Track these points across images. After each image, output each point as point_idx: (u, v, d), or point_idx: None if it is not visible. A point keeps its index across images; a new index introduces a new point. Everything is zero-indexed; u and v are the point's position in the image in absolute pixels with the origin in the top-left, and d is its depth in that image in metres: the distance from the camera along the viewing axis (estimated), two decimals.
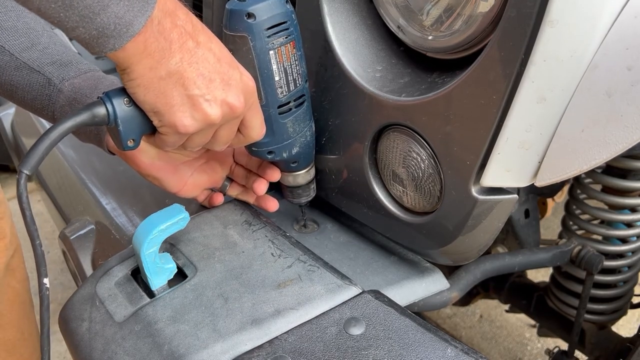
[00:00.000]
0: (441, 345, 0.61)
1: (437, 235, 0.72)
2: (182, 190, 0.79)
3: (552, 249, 1.07)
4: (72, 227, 1.05)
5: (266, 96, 0.69)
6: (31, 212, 0.56)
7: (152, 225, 0.69)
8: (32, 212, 0.56)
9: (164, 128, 0.61)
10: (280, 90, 0.69)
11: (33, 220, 0.56)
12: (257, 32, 0.65)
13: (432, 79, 0.69)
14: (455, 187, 0.66)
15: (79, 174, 1.16)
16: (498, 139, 0.60)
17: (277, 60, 0.67)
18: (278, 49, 0.67)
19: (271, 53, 0.66)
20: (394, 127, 0.72)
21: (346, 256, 0.83)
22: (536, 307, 1.25)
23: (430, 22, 0.66)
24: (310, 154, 0.80)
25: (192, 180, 0.80)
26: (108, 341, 0.67)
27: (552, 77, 0.55)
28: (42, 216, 2.46)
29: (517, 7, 0.54)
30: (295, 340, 0.63)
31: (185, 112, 0.59)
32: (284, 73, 0.69)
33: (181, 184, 0.79)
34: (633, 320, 1.50)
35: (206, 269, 0.73)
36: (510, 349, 1.78)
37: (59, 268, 2.18)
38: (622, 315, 1.18)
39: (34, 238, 0.56)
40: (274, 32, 0.66)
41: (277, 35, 0.66)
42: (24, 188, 0.56)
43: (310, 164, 0.82)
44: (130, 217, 0.99)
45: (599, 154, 0.55)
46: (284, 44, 0.67)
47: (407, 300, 0.78)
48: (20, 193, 0.55)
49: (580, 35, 0.53)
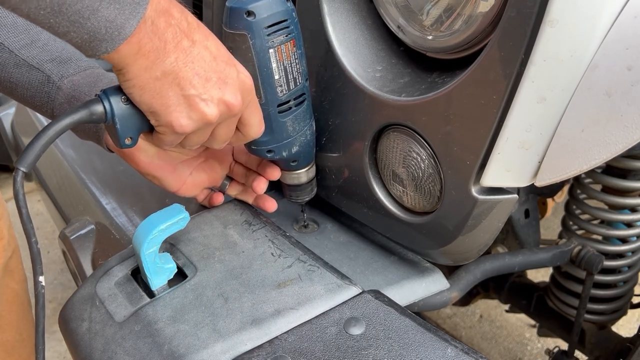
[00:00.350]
0: (441, 345, 0.61)
1: (437, 235, 0.72)
2: (181, 189, 0.79)
3: (552, 249, 1.07)
4: (72, 227, 1.05)
5: (266, 95, 0.69)
6: (27, 209, 0.55)
7: (152, 225, 0.69)
8: (28, 210, 0.56)
9: (161, 128, 0.61)
10: (280, 89, 0.69)
11: (29, 218, 0.56)
12: (256, 30, 0.64)
13: (432, 79, 0.69)
14: (455, 187, 0.66)
15: (79, 174, 1.16)
16: (498, 139, 0.60)
17: (277, 58, 0.67)
18: (278, 47, 0.66)
19: (271, 51, 0.66)
20: (394, 127, 0.72)
21: (346, 256, 0.83)
22: (536, 307, 1.25)
23: (430, 22, 0.66)
24: (310, 152, 0.80)
25: (192, 179, 0.80)
26: (108, 341, 0.67)
27: (552, 77, 0.55)
28: (42, 216, 2.47)
29: (517, 7, 0.54)
30: (295, 340, 0.63)
31: (181, 112, 0.58)
32: (283, 72, 0.68)
33: (180, 182, 0.79)
34: (633, 320, 1.50)
35: (206, 269, 0.73)
36: (510, 349, 1.78)
37: (59, 268, 2.18)
38: (622, 315, 1.18)
39: (29, 235, 0.56)
40: (274, 30, 0.65)
41: (277, 34, 0.66)
42: (20, 185, 0.55)
43: (310, 163, 0.82)
44: (130, 217, 0.99)
45: (599, 154, 0.55)
46: (284, 42, 0.67)
47: (407, 300, 0.78)
48: (17, 190, 0.55)
49: (580, 35, 0.53)
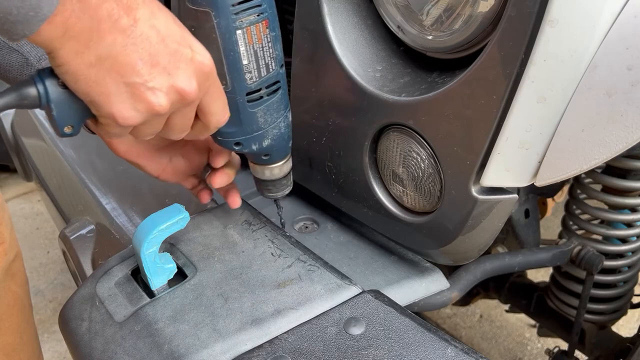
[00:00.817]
0: (441, 345, 0.61)
1: (437, 235, 0.72)
2: (162, 175, 0.75)
3: (552, 249, 1.07)
4: (72, 227, 1.05)
5: (232, 82, 0.61)
6: None
7: (152, 225, 0.69)
8: None
9: (103, 119, 0.54)
10: (249, 75, 0.61)
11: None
12: (222, 7, 0.56)
13: (432, 78, 0.69)
14: (455, 186, 0.66)
15: (79, 174, 1.16)
16: (498, 139, 0.60)
17: (245, 41, 0.59)
18: (247, 28, 0.58)
19: (238, 33, 0.58)
20: (394, 127, 0.72)
21: (346, 256, 0.83)
22: (536, 307, 1.25)
23: (430, 22, 0.66)
24: (285, 146, 0.73)
25: (172, 166, 0.76)
26: (108, 341, 0.67)
27: (552, 77, 0.55)
28: (42, 216, 2.47)
29: (517, 6, 0.54)
30: (295, 340, 0.63)
31: (124, 103, 0.51)
32: (253, 56, 0.60)
33: (160, 168, 0.75)
34: (633, 320, 1.50)
35: (206, 268, 0.73)
36: (510, 349, 1.78)
37: (59, 268, 2.18)
38: (622, 315, 1.18)
39: None
40: (243, 8, 0.57)
41: (247, 13, 0.58)
42: None
43: (285, 157, 0.75)
44: (130, 217, 0.99)
45: (599, 154, 0.55)
46: (255, 22, 0.58)
47: (407, 300, 0.78)
48: None
49: (581, 35, 0.53)
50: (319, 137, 0.82)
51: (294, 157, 0.80)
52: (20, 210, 2.52)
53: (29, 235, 2.36)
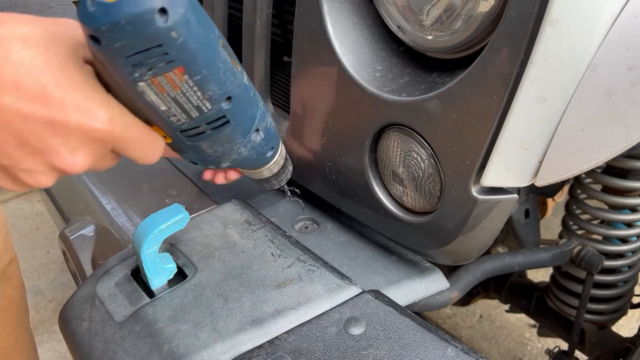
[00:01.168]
0: (441, 345, 0.61)
1: (437, 235, 0.72)
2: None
3: (552, 249, 1.07)
4: (72, 227, 1.05)
5: (157, 123, 0.55)
6: None
7: (152, 225, 0.69)
8: None
9: None
10: (175, 118, 0.54)
11: None
12: (111, 60, 0.46)
13: (432, 78, 0.69)
14: (455, 187, 0.66)
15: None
16: (498, 139, 0.60)
17: (155, 91, 0.50)
18: (152, 79, 0.48)
19: (141, 85, 0.48)
20: (394, 127, 0.72)
21: (346, 256, 0.83)
22: (536, 307, 1.25)
23: (430, 22, 0.66)
24: (260, 157, 0.68)
25: None
26: (108, 341, 0.67)
27: (552, 77, 0.55)
28: (42, 216, 2.47)
29: (517, 6, 0.54)
30: (295, 340, 0.63)
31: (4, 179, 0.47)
32: (173, 102, 0.51)
33: None
34: (633, 320, 1.50)
35: (206, 268, 0.73)
36: (510, 349, 1.78)
37: (59, 268, 2.18)
38: (622, 315, 1.18)
39: None
40: (140, 60, 0.46)
41: (148, 64, 0.47)
42: None
43: (268, 163, 0.72)
44: (130, 217, 0.99)
45: (599, 154, 0.55)
46: (163, 71, 0.48)
47: (407, 300, 0.78)
48: None
49: (581, 35, 0.53)
50: (319, 137, 0.82)
51: (293, 158, 0.80)
52: (20, 210, 2.53)
53: (29, 235, 2.37)
